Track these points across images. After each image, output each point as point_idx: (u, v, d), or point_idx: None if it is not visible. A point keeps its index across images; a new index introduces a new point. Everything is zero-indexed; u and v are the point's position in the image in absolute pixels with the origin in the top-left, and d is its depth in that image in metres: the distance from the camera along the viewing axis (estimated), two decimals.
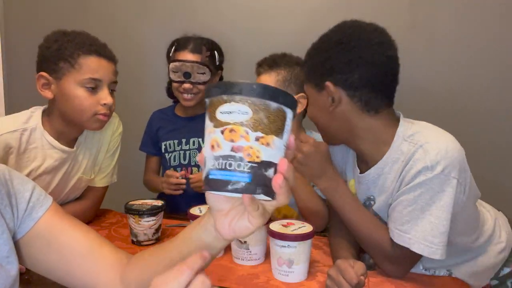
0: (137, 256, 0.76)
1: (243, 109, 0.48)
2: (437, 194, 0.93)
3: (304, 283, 0.99)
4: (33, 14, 2.20)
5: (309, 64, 1.09)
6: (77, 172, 1.31)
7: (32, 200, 0.74)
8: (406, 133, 1.01)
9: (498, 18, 1.72)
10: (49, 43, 1.19)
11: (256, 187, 0.49)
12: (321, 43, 1.06)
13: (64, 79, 1.17)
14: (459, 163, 0.93)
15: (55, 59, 1.17)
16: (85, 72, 1.17)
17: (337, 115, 1.04)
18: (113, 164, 1.43)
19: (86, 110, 1.19)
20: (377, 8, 1.80)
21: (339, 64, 1.00)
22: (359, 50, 0.99)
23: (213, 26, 1.71)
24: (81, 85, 1.17)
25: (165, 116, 1.71)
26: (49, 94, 1.20)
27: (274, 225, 1.03)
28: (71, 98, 1.17)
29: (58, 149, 1.24)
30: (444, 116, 1.77)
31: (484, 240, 1.09)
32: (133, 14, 2.09)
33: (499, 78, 1.75)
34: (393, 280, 1.00)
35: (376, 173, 1.06)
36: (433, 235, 0.93)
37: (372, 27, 1.04)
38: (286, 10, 1.92)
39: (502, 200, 1.30)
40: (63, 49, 1.16)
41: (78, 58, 1.16)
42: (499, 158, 1.80)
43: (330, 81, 1.01)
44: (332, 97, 1.02)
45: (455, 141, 0.97)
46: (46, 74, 1.18)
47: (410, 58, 1.79)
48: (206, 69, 1.54)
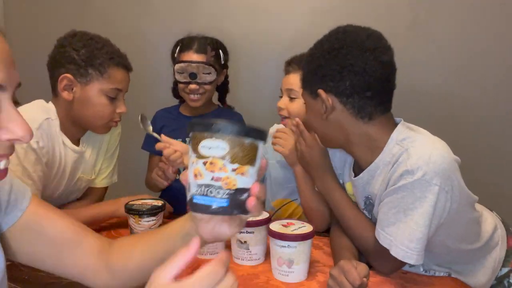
0: (118, 244, 0.79)
1: (221, 145, 0.56)
2: (419, 200, 0.92)
3: (304, 283, 0.99)
4: (33, 14, 2.20)
5: (304, 71, 1.09)
6: (78, 172, 1.32)
7: (13, 191, 0.73)
8: (399, 137, 1.01)
9: (498, 18, 1.72)
10: (76, 46, 1.21)
11: (233, 210, 0.58)
12: (314, 50, 1.06)
13: (91, 85, 1.21)
14: (442, 170, 0.91)
15: (85, 65, 1.20)
16: (112, 83, 1.23)
17: (331, 122, 1.04)
18: (113, 164, 1.43)
19: (104, 117, 1.25)
20: (377, 8, 1.80)
21: (330, 72, 1.00)
22: (351, 57, 0.98)
23: (217, 25, 1.71)
24: (105, 93, 1.23)
25: (169, 115, 1.70)
26: (69, 96, 1.21)
27: (274, 225, 1.03)
28: (92, 104, 1.22)
29: (69, 148, 1.25)
30: (443, 116, 1.78)
31: (483, 244, 1.09)
32: (136, 13, 2.09)
33: (499, 78, 1.76)
34: (393, 280, 1.01)
35: (369, 175, 1.06)
36: (410, 239, 0.93)
37: (366, 33, 1.01)
38: (289, 9, 1.92)
39: (499, 203, 1.30)
40: (93, 57, 1.20)
41: (108, 68, 1.22)
42: (500, 157, 1.80)
43: (322, 89, 1.02)
44: (325, 105, 1.02)
45: (444, 149, 0.95)
46: (71, 77, 1.20)
47: (410, 58, 1.81)
48: (211, 69, 1.53)
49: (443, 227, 0.96)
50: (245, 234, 1.06)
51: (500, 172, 1.80)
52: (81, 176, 1.33)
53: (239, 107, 1.78)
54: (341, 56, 0.99)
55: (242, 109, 1.77)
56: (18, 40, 2.20)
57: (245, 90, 1.98)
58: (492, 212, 1.19)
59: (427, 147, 0.95)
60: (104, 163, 1.41)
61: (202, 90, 1.56)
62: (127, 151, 1.60)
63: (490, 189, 1.74)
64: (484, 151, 1.80)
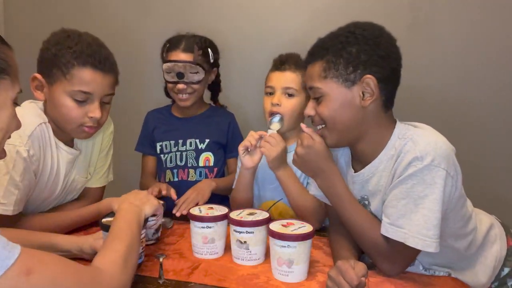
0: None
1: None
2: (430, 187, 0.93)
3: (304, 283, 0.99)
4: (33, 13, 2.20)
5: (332, 60, 1.03)
6: (73, 173, 1.31)
7: None
8: (401, 133, 1.03)
9: (498, 18, 1.72)
10: (49, 45, 1.17)
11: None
12: (349, 38, 1.02)
13: (55, 85, 1.16)
14: (448, 156, 0.95)
15: (50, 64, 1.15)
16: (75, 84, 1.14)
17: (366, 111, 1.03)
18: (108, 163, 1.43)
19: (71, 121, 1.17)
20: (377, 8, 1.80)
21: (375, 57, 1.01)
22: (389, 45, 1.04)
23: (212, 25, 1.71)
24: (70, 95, 1.15)
25: (161, 116, 1.69)
26: (41, 96, 1.19)
27: (274, 225, 1.03)
28: (59, 105, 1.16)
29: (63, 149, 1.25)
30: (443, 116, 1.78)
31: (479, 241, 1.09)
32: (130, 13, 2.09)
33: (500, 78, 1.75)
34: (393, 280, 1.00)
35: (370, 171, 1.06)
36: (427, 228, 0.93)
37: (387, 31, 1.07)
38: (285, 9, 1.92)
39: (498, 204, 1.30)
40: (59, 56, 1.14)
41: (72, 69, 1.13)
42: (499, 157, 1.80)
43: (369, 74, 1.00)
44: (363, 92, 1.01)
45: (445, 139, 0.99)
46: (40, 76, 1.17)
47: (410, 58, 1.80)
48: (199, 68, 1.53)
49: (442, 218, 0.95)
50: (245, 234, 1.06)
51: (500, 175, 1.80)
52: (76, 177, 1.32)
53: (232, 106, 1.78)
54: (384, 42, 1.02)
55: (234, 108, 1.78)
56: (18, 40, 2.21)
57: (237, 90, 1.97)
58: (491, 216, 1.19)
59: (431, 134, 0.99)
60: (98, 163, 1.40)
61: (190, 90, 1.55)
62: (125, 151, 1.60)
63: (490, 192, 1.74)
64: (484, 151, 1.80)
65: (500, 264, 1.11)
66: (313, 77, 1.07)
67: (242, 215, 1.10)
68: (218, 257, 1.12)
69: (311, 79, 1.08)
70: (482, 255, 1.10)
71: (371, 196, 1.08)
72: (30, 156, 1.12)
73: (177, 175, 1.61)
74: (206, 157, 1.61)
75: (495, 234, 1.13)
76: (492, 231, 1.13)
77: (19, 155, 1.10)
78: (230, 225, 1.09)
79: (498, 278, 1.12)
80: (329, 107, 1.04)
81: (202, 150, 1.61)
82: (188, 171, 1.61)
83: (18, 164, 1.09)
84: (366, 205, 1.10)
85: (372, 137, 1.05)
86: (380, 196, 1.05)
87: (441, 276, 1.07)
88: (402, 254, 0.99)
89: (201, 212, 1.13)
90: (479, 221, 1.12)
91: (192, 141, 1.61)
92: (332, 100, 1.04)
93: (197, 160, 1.61)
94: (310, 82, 1.09)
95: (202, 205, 1.20)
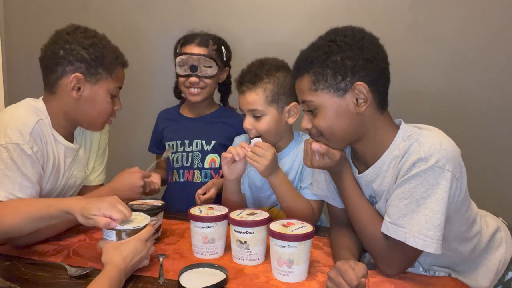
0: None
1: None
2: (432, 187, 0.93)
3: (304, 283, 0.99)
4: (33, 13, 2.20)
5: (319, 71, 1.02)
6: (73, 168, 1.33)
7: None
8: (406, 134, 1.03)
9: (498, 18, 1.72)
10: (84, 45, 1.21)
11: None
12: (327, 47, 1.02)
13: (99, 84, 1.23)
14: (453, 157, 0.94)
15: (96, 64, 1.21)
16: (117, 82, 1.27)
17: (362, 116, 1.02)
18: (105, 161, 1.46)
19: (106, 115, 1.29)
20: (377, 8, 1.80)
21: (361, 62, 1.00)
22: (373, 47, 1.02)
23: (218, 25, 1.70)
24: (110, 92, 1.26)
25: (170, 116, 1.69)
26: (77, 95, 1.22)
27: (274, 225, 1.03)
28: (98, 102, 1.25)
29: (62, 144, 1.26)
30: (444, 116, 1.78)
31: (483, 244, 1.09)
32: (137, 13, 2.08)
33: (500, 78, 1.75)
34: (393, 280, 1.00)
35: (374, 172, 1.06)
36: (427, 228, 0.93)
37: (368, 31, 1.06)
38: (290, 9, 1.91)
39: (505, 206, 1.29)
40: (102, 56, 1.22)
41: (115, 68, 1.26)
42: (499, 156, 1.80)
43: (358, 80, 1.00)
44: (356, 99, 1.01)
45: (451, 140, 0.99)
46: (82, 76, 1.20)
47: (410, 58, 1.81)
48: (213, 63, 1.51)
49: (445, 221, 0.96)
50: (245, 234, 1.06)
51: (506, 175, 1.79)
52: (75, 172, 1.34)
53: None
54: (367, 45, 1.01)
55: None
56: (18, 40, 2.21)
57: None
58: (498, 218, 1.19)
59: (436, 136, 0.98)
60: (97, 161, 1.42)
61: (203, 84, 1.54)
62: (128, 151, 1.60)
63: (497, 194, 1.74)
64: (484, 151, 1.80)
65: (504, 268, 1.11)
66: (304, 91, 1.06)
67: (242, 215, 1.10)
68: (218, 257, 1.12)
69: (302, 93, 1.07)
70: (485, 258, 1.10)
71: (376, 196, 1.08)
72: (35, 152, 1.15)
73: (183, 175, 1.60)
74: (212, 159, 1.59)
75: (500, 237, 1.12)
76: (498, 234, 1.13)
77: (24, 153, 1.12)
78: (230, 225, 1.09)
79: (501, 282, 1.11)
80: (325, 118, 1.04)
81: (208, 151, 1.59)
82: (194, 172, 1.59)
83: (25, 161, 1.13)
84: (373, 203, 1.10)
85: (372, 139, 1.05)
86: (384, 196, 1.05)
87: (441, 277, 1.07)
88: (402, 254, 0.99)
89: (201, 212, 1.13)
90: (485, 224, 1.12)
91: (198, 142, 1.59)
92: (327, 111, 1.03)
93: (203, 162, 1.59)
94: (302, 96, 1.08)
95: (202, 205, 1.20)
